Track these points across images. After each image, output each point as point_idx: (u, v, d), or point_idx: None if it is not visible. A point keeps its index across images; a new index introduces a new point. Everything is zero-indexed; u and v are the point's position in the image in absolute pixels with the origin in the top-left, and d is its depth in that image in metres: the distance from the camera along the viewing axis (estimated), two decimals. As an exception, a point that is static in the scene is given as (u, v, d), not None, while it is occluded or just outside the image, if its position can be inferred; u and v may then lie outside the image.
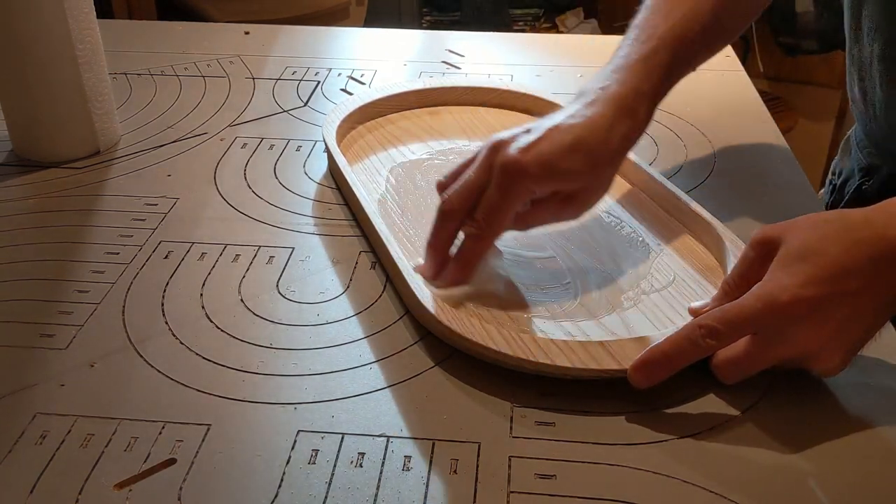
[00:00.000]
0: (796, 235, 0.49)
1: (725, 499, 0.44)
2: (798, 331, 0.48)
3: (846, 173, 0.82)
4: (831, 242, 0.48)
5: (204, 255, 0.63)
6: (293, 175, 0.74)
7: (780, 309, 0.47)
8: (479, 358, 0.52)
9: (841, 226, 0.49)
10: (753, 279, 0.50)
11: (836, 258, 0.47)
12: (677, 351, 0.49)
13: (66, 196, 0.70)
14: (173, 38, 1.05)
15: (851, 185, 0.81)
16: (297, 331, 0.55)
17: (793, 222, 0.50)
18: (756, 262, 0.51)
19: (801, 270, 0.47)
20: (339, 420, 0.48)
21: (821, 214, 0.51)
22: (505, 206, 0.55)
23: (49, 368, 0.52)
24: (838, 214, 0.50)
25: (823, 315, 0.47)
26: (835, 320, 0.47)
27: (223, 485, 0.44)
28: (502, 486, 0.44)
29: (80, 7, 0.72)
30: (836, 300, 0.47)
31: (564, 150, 0.56)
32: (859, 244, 0.47)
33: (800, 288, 0.47)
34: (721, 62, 0.98)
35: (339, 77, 0.94)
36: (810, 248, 0.48)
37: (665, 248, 0.63)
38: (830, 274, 0.47)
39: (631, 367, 0.49)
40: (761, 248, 0.51)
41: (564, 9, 2.58)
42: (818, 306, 0.47)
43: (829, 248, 0.48)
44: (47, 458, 0.45)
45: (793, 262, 0.48)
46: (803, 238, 0.49)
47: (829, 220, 0.50)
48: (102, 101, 0.76)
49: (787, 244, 0.49)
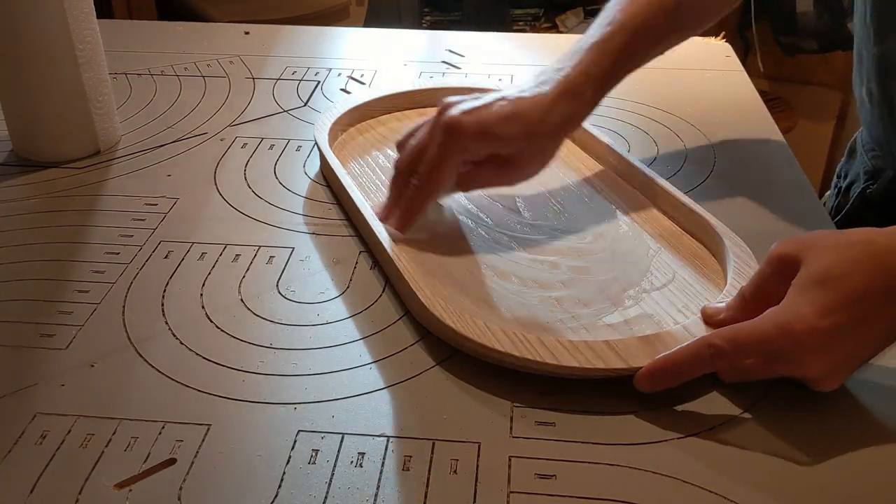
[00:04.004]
0: (817, 258, 0.48)
1: (725, 499, 0.44)
2: (808, 359, 0.47)
3: (851, 176, 0.82)
4: (854, 268, 0.47)
5: (204, 255, 0.63)
6: (293, 175, 0.74)
7: (795, 339, 0.46)
8: (483, 359, 0.52)
9: (865, 251, 0.47)
10: (770, 294, 0.49)
11: (855, 286, 0.46)
12: (686, 364, 0.49)
13: (66, 196, 0.70)
14: (173, 38, 1.05)
15: (857, 189, 0.80)
16: (297, 331, 0.55)
17: (814, 241, 0.49)
18: (773, 279, 0.50)
19: (819, 298, 0.46)
20: (339, 420, 0.48)
21: (845, 235, 0.49)
22: (443, 162, 0.60)
23: (49, 368, 0.52)
24: (864, 237, 0.48)
25: (834, 345, 0.47)
26: (845, 348, 0.47)
27: (223, 485, 0.44)
28: (502, 486, 0.44)
29: (80, 7, 0.72)
30: (850, 329, 0.46)
31: (502, 118, 0.60)
32: (881, 273, 0.46)
33: (817, 318, 0.46)
34: (721, 62, 0.99)
35: (339, 77, 0.94)
36: (831, 275, 0.47)
37: (664, 247, 0.63)
38: (849, 302, 0.46)
39: (638, 374, 0.49)
40: (780, 265, 0.50)
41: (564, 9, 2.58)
42: (831, 337, 0.46)
43: (851, 276, 0.46)
44: (47, 458, 0.45)
45: (812, 288, 0.47)
46: (824, 262, 0.47)
47: (853, 243, 0.48)
48: (102, 101, 0.76)
49: (807, 266, 0.48)
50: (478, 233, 0.65)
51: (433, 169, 0.61)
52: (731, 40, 1.08)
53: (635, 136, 0.81)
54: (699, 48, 1.03)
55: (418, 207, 0.61)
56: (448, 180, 0.62)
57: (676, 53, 1.00)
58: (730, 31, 2.17)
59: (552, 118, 0.62)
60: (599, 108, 0.75)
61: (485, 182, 0.65)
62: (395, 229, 0.62)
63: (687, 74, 0.95)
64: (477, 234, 0.65)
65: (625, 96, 0.88)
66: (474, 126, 0.60)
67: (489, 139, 0.61)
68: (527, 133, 0.61)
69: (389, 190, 0.64)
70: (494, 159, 0.62)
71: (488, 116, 0.60)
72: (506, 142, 0.61)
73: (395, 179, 0.63)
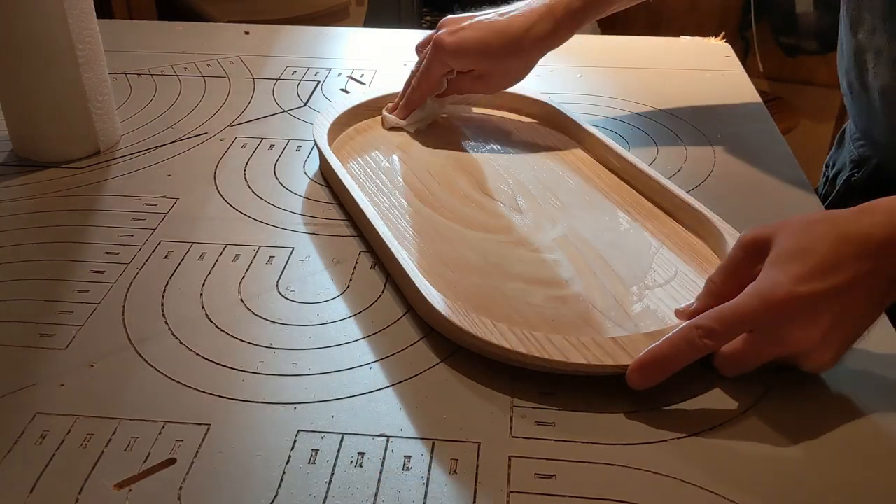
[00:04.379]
0: (787, 236, 0.50)
1: (725, 499, 0.44)
2: (792, 330, 0.48)
3: (839, 165, 0.84)
4: (820, 241, 0.49)
5: (204, 255, 0.63)
6: (293, 175, 0.74)
7: (776, 306, 0.47)
8: (488, 356, 0.52)
9: (829, 225, 0.49)
10: (742, 279, 0.50)
11: (825, 255, 0.48)
12: (675, 352, 0.49)
13: (66, 196, 0.70)
14: (173, 38, 1.05)
15: (842, 177, 0.82)
16: (297, 331, 0.55)
17: (782, 224, 0.51)
18: (745, 263, 0.51)
19: (793, 268, 0.48)
20: (339, 420, 0.48)
21: (809, 215, 0.51)
22: (427, 72, 0.77)
23: (49, 368, 0.52)
24: (826, 215, 0.51)
25: (816, 313, 0.48)
26: (826, 319, 0.48)
27: (223, 485, 0.44)
28: (502, 486, 0.44)
29: (80, 7, 0.72)
30: (828, 298, 0.47)
31: (479, 38, 0.74)
32: (846, 241, 0.48)
33: (794, 285, 0.47)
34: (721, 62, 0.99)
35: (339, 77, 0.94)
36: (801, 248, 0.49)
37: (665, 244, 0.63)
38: (821, 270, 0.48)
39: (629, 370, 0.49)
40: (751, 249, 0.51)
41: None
42: (811, 304, 0.47)
43: (818, 247, 0.48)
44: (47, 458, 0.45)
45: (786, 261, 0.49)
46: (794, 238, 0.50)
47: (817, 220, 0.50)
48: (102, 101, 0.76)
49: (778, 244, 0.50)
50: (480, 231, 0.65)
51: (421, 77, 0.77)
52: (731, 40, 1.08)
53: (635, 136, 0.81)
54: (699, 48, 1.03)
55: (412, 104, 0.79)
56: (434, 86, 0.77)
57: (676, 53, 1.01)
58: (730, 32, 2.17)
59: (526, 40, 0.74)
60: (600, 107, 0.76)
61: (464, 89, 0.79)
62: (398, 117, 0.79)
63: (687, 74, 0.95)
64: (479, 232, 0.65)
65: (625, 96, 0.88)
66: (453, 45, 0.74)
67: (464, 56, 0.75)
68: (502, 52, 0.74)
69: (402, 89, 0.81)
70: (473, 72, 0.77)
71: (470, 37, 0.74)
72: (480, 60, 0.75)
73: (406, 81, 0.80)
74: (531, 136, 0.80)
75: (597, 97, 0.84)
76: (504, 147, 0.77)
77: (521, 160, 0.75)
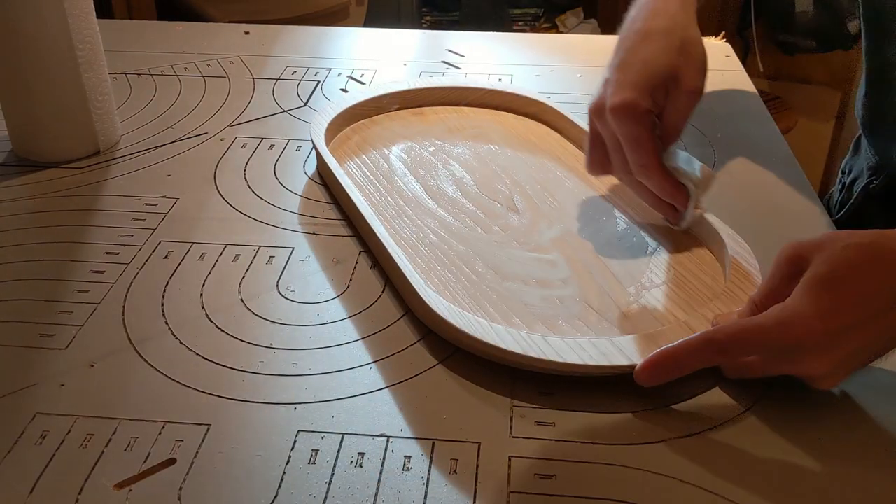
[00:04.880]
0: (825, 258, 0.47)
1: (725, 499, 0.44)
2: (808, 358, 0.47)
3: (856, 172, 0.83)
4: (860, 271, 0.47)
5: (204, 255, 0.63)
6: (293, 175, 0.74)
7: (794, 337, 0.46)
8: (485, 357, 0.52)
9: (872, 253, 0.47)
10: (780, 298, 0.49)
11: (861, 288, 0.46)
12: (685, 358, 0.49)
13: (66, 196, 0.70)
14: (173, 38, 1.05)
15: (860, 184, 0.81)
16: (297, 331, 0.55)
17: (823, 242, 0.49)
18: (784, 282, 0.49)
19: (824, 299, 0.46)
20: (339, 420, 0.48)
21: (854, 236, 0.48)
22: (636, 137, 0.60)
23: (49, 368, 0.52)
24: (872, 240, 0.48)
25: (832, 348, 0.47)
26: (842, 352, 0.47)
27: (223, 485, 0.44)
28: (502, 486, 0.44)
29: (80, 7, 0.72)
30: (849, 334, 0.46)
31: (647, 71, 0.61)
32: (889, 276, 0.46)
33: (817, 320, 0.46)
34: (721, 62, 0.98)
35: (339, 77, 0.94)
36: (837, 276, 0.47)
37: (663, 244, 0.63)
38: (853, 304, 0.46)
39: (639, 367, 0.49)
40: (788, 267, 0.49)
41: (564, 9, 2.58)
42: (829, 340, 0.46)
43: (857, 277, 0.46)
44: (47, 458, 0.45)
45: (817, 288, 0.47)
46: (832, 263, 0.47)
47: (861, 245, 0.47)
48: (102, 101, 0.76)
49: (815, 267, 0.48)
50: (477, 232, 0.65)
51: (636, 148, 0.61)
52: (731, 40, 1.08)
53: (635, 136, 0.81)
54: (699, 48, 1.03)
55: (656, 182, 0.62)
56: (657, 146, 0.62)
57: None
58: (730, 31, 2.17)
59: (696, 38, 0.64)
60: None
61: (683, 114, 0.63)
62: (672, 224, 0.64)
63: (687, 74, 0.95)
64: (476, 232, 0.65)
65: (625, 96, 0.88)
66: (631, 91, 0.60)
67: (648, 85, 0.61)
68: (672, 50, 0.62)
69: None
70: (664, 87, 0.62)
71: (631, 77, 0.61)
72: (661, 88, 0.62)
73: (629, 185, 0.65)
74: (529, 136, 0.80)
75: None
76: (501, 147, 0.77)
77: (518, 160, 0.75)
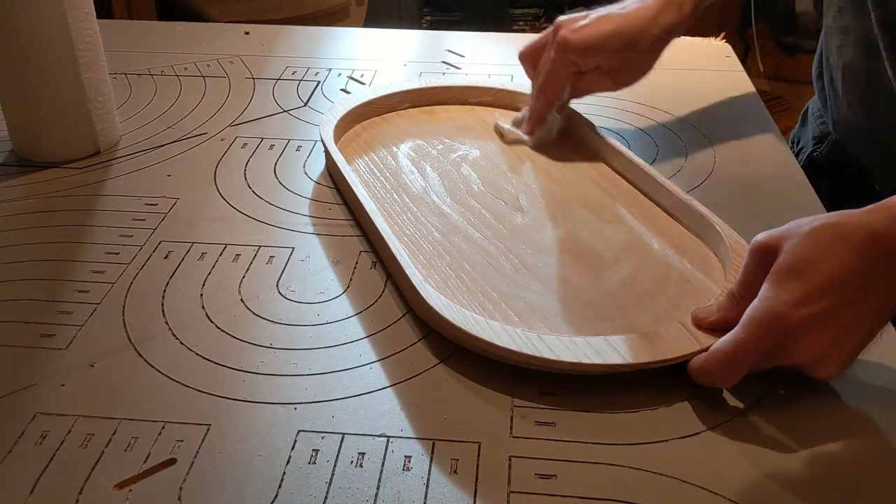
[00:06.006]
0: (790, 246, 0.48)
1: (725, 499, 0.44)
2: (797, 344, 0.47)
3: (802, 142, 0.86)
4: (827, 252, 0.47)
5: (204, 255, 0.63)
6: (293, 175, 0.74)
7: (778, 333, 0.47)
8: (483, 355, 0.52)
9: (837, 232, 0.48)
10: (756, 288, 0.49)
11: (832, 270, 0.46)
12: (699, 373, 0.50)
13: (66, 196, 0.70)
14: (173, 38, 1.05)
15: (804, 154, 0.84)
16: (297, 331, 0.55)
17: (789, 229, 0.49)
18: (757, 272, 0.50)
19: (794, 288, 0.47)
20: (339, 420, 0.48)
21: (820, 218, 0.49)
22: (556, 74, 0.73)
23: (49, 368, 0.52)
24: (838, 219, 0.48)
25: (821, 328, 0.47)
26: (833, 331, 0.47)
27: (223, 485, 0.44)
28: (502, 486, 0.44)
29: (80, 7, 0.72)
30: (830, 315, 0.46)
31: (604, 35, 0.71)
32: (855, 250, 0.47)
33: (793, 308, 0.46)
34: (721, 62, 0.99)
35: (339, 77, 0.94)
36: (806, 260, 0.47)
37: (664, 244, 0.63)
38: (827, 287, 0.46)
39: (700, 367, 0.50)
40: (759, 257, 0.50)
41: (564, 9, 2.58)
42: (811, 325, 0.47)
43: (826, 260, 0.47)
44: (47, 458, 0.45)
45: (788, 278, 0.47)
46: (799, 249, 0.48)
47: (825, 225, 0.48)
48: (102, 101, 0.76)
49: (781, 256, 0.48)
50: (480, 230, 0.65)
51: (547, 81, 0.74)
52: (731, 40, 1.08)
53: (635, 137, 0.81)
54: (699, 48, 1.03)
55: (541, 113, 0.76)
56: (561, 90, 0.74)
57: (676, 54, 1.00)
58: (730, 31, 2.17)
59: (652, 32, 0.71)
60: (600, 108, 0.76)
61: (593, 90, 0.76)
62: (525, 133, 0.76)
63: (687, 75, 0.95)
64: (479, 231, 0.65)
65: (625, 96, 0.88)
66: (580, 42, 0.71)
67: (593, 55, 0.71)
68: (627, 47, 0.71)
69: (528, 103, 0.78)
70: (599, 69, 0.73)
71: (594, 34, 0.71)
72: (608, 56, 0.72)
73: (530, 94, 0.77)
74: None
75: (597, 97, 0.84)
76: (507, 146, 0.77)
77: (523, 160, 0.75)
